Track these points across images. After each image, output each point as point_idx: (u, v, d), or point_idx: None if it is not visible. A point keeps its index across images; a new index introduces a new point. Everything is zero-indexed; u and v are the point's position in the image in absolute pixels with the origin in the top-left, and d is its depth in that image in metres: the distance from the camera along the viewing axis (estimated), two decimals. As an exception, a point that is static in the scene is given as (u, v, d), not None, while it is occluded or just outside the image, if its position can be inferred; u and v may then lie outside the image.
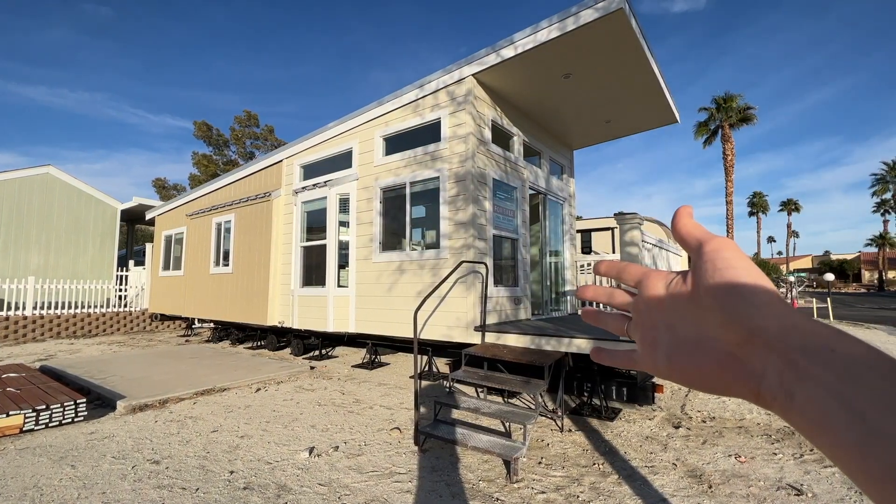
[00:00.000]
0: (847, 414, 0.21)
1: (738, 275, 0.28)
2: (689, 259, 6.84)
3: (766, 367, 0.26)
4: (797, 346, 0.24)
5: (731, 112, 26.19)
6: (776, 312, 0.26)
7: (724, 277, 0.29)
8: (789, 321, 0.26)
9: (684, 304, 0.32)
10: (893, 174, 39.01)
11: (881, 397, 0.21)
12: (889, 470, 0.20)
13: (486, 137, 6.04)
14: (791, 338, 0.25)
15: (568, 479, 3.18)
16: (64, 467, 3.30)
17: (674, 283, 0.34)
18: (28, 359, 7.77)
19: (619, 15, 4.60)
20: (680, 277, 0.33)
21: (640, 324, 0.36)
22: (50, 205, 14.26)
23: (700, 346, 0.31)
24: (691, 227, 0.34)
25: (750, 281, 0.28)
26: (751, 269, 0.29)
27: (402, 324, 6.04)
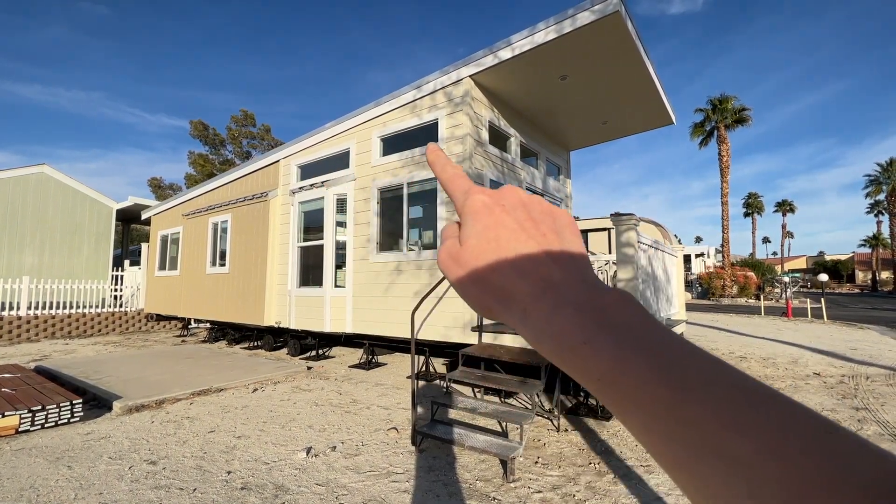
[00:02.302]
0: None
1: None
2: (683, 261, 6.80)
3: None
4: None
5: (727, 113, 26.33)
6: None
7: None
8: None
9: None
10: (887, 175, 39.28)
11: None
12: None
13: (484, 138, 6.06)
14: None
15: (564, 478, 3.20)
16: (60, 468, 3.29)
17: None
18: (23, 359, 7.73)
19: (616, 17, 4.63)
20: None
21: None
22: (45, 204, 14.18)
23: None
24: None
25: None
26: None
27: (399, 324, 6.05)
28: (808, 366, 7.08)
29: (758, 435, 0.19)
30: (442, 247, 0.32)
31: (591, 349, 0.23)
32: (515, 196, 0.31)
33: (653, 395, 0.21)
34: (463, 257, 0.30)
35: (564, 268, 0.27)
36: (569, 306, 0.25)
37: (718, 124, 26.53)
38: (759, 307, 20.91)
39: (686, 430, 0.20)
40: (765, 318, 15.56)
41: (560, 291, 0.26)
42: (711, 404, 0.20)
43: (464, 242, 0.30)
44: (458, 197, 0.32)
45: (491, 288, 0.28)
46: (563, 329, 0.25)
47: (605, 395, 0.23)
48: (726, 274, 26.44)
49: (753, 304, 24.44)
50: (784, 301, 25.08)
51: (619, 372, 0.22)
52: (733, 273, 26.96)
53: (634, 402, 0.22)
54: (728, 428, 0.19)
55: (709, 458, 0.19)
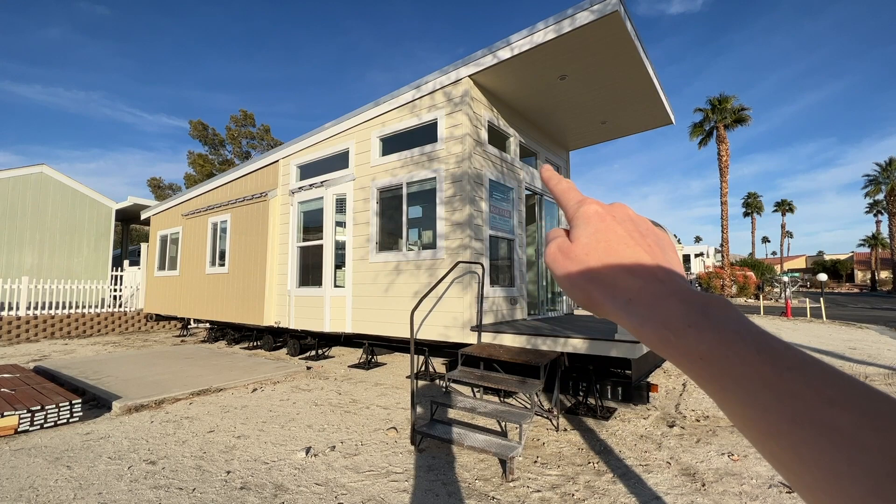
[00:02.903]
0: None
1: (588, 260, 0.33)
2: (683, 259, 6.81)
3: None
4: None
5: (726, 113, 26.33)
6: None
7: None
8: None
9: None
10: (886, 175, 39.25)
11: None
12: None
13: (483, 138, 6.06)
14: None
15: (563, 477, 3.21)
16: (60, 468, 3.29)
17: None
18: (22, 359, 7.72)
19: (615, 17, 4.64)
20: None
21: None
22: (44, 204, 14.17)
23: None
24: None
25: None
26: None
27: (398, 324, 6.06)
28: (807, 365, 7.08)
29: (855, 408, 0.21)
30: (551, 243, 0.36)
31: (696, 331, 0.26)
32: (625, 211, 0.35)
33: (755, 371, 0.24)
34: (573, 252, 0.33)
35: (667, 271, 0.31)
36: (674, 297, 0.29)
37: (718, 124, 26.53)
38: (759, 307, 20.92)
39: (786, 403, 0.22)
40: (764, 318, 15.57)
41: (665, 286, 0.30)
42: (810, 382, 0.22)
43: (575, 240, 0.34)
44: (572, 206, 0.36)
45: (598, 280, 0.32)
46: (669, 314, 0.28)
47: (706, 374, 0.26)
48: (725, 274, 26.45)
49: (753, 303, 24.46)
50: (783, 301, 25.10)
51: (723, 351, 0.25)
52: (732, 273, 26.97)
53: (735, 378, 0.24)
54: (827, 401, 0.22)
55: (809, 427, 0.21)
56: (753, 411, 0.24)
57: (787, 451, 0.22)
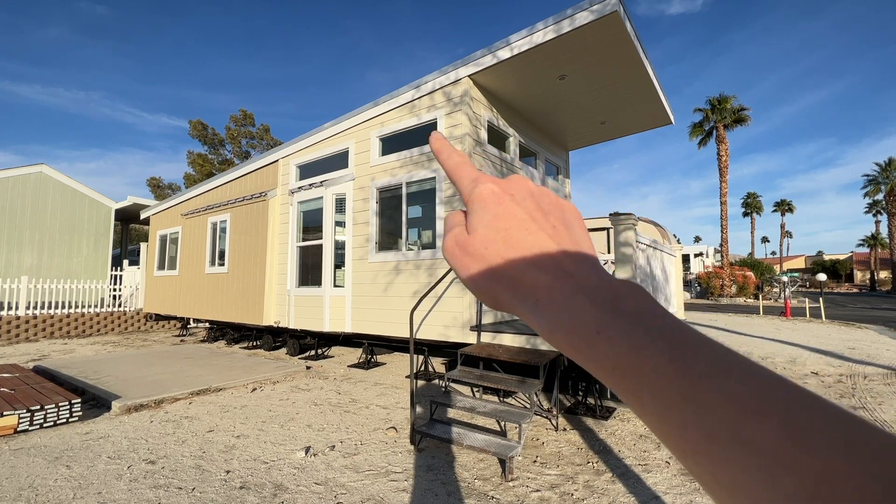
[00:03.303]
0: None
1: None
2: (682, 260, 6.79)
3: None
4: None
5: (726, 113, 26.36)
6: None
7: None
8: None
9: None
10: (885, 175, 39.30)
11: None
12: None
13: (483, 138, 6.07)
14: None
15: (562, 477, 3.21)
16: (59, 467, 3.29)
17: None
18: (21, 359, 7.72)
19: (614, 17, 4.64)
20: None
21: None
22: (43, 204, 14.16)
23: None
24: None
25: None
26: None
27: (398, 324, 6.06)
28: (807, 365, 7.09)
29: (776, 422, 0.19)
30: (448, 235, 0.31)
31: (605, 338, 0.23)
32: (525, 186, 0.31)
33: (668, 382, 0.21)
34: (472, 246, 0.29)
35: (574, 258, 0.27)
36: (581, 294, 0.25)
37: (717, 124, 26.56)
38: (758, 307, 20.94)
39: (703, 417, 0.20)
40: (763, 318, 15.58)
41: (572, 280, 0.26)
42: (727, 391, 0.20)
43: (472, 231, 0.29)
44: (466, 185, 0.32)
45: (501, 278, 0.28)
46: (576, 318, 0.24)
47: (620, 385, 0.23)
48: (725, 273, 26.47)
49: (752, 303, 24.48)
50: (783, 300, 25.12)
51: (635, 360, 0.22)
52: (732, 273, 26.99)
53: (650, 390, 0.22)
54: (745, 414, 0.19)
55: (726, 444, 0.19)
56: (669, 426, 0.21)
57: (706, 470, 0.20)
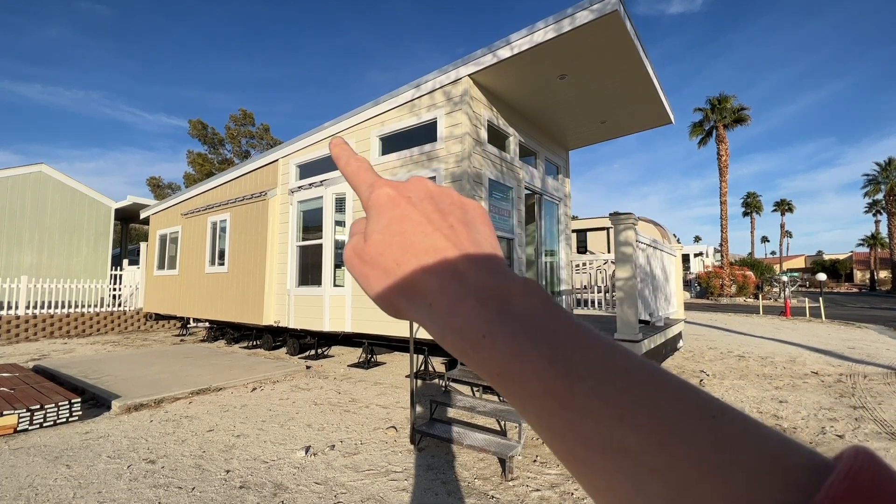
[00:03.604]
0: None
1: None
2: (682, 259, 6.80)
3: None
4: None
5: (726, 113, 26.36)
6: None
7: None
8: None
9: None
10: (885, 175, 39.29)
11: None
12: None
13: (483, 137, 6.06)
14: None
15: (563, 476, 3.21)
16: (59, 467, 3.29)
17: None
18: (21, 358, 7.72)
19: (615, 17, 4.64)
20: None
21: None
22: (43, 203, 14.15)
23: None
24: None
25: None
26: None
27: (398, 323, 6.06)
28: (807, 364, 7.09)
29: (644, 424, 0.18)
30: (348, 243, 0.30)
31: (490, 342, 0.22)
32: (422, 188, 0.30)
33: (547, 387, 0.20)
34: (368, 253, 0.28)
35: (470, 259, 0.26)
36: (471, 297, 0.24)
37: (717, 124, 26.56)
38: (758, 306, 20.95)
39: (579, 423, 0.19)
40: (763, 318, 15.59)
41: (464, 282, 0.25)
42: (605, 395, 0.19)
43: (368, 238, 0.29)
44: (364, 191, 0.31)
45: (396, 284, 0.27)
46: (464, 322, 0.24)
47: (506, 391, 0.22)
48: (725, 273, 26.48)
49: (752, 303, 24.49)
50: (782, 300, 25.13)
51: (516, 365, 0.21)
52: (732, 272, 27.00)
53: (531, 395, 0.21)
54: (618, 417, 0.18)
55: (600, 450, 0.18)
56: (549, 431, 0.20)
57: (583, 477, 0.19)
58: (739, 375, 6.43)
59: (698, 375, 6.45)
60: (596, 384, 0.20)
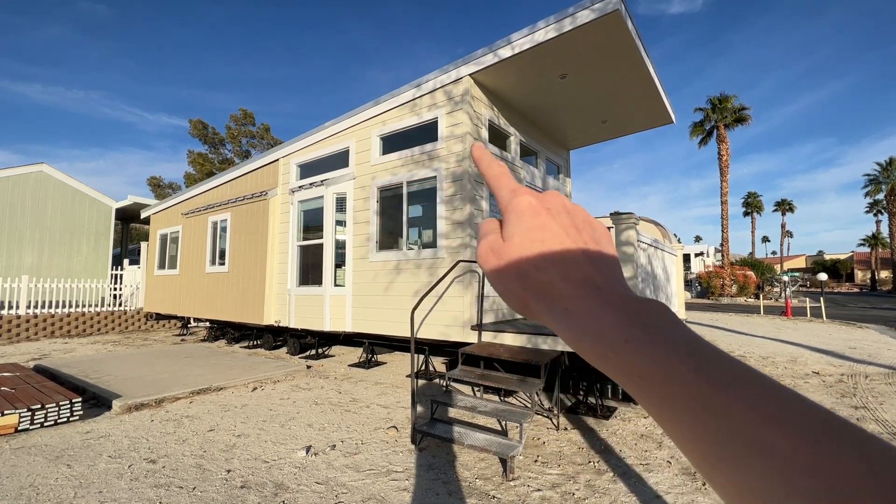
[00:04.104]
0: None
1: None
2: (684, 259, 6.83)
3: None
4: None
5: (726, 112, 26.34)
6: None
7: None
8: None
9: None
10: (886, 175, 39.22)
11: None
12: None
13: (483, 137, 6.06)
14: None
15: (564, 476, 3.20)
16: (60, 466, 3.29)
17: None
18: (22, 358, 7.72)
19: (616, 16, 4.63)
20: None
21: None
22: (43, 203, 14.16)
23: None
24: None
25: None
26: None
27: (398, 323, 6.05)
28: (808, 364, 7.09)
29: (794, 429, 0.20)
30: (483, 241, 0.33)
31: (633, 347, 0.25)
32: (560, 202, 0.33)
33: (692, 390, 0.22)
34: (506, 253, 0.31)
35: (604, 274, 0.29)
36: (611, 306, 0.27)
37: (718, 123, 26.54)
38: (759, 306, 20.93)
39: (723, 424, 0.21)
40: (764, 318, 15.57)
41: (602, 294, 0.27)
42: (748, 400, 0.21)
43: (508, 239, 0.31)
44: (504, 195, 0.33)
45: (533, 285, 0.29)
46: (606, 328, 0.26)
47: (644, 392, 0.24)
48: (725, 273, 26.46)
49: (753, 303, 24.47)
50: (783, 300, 25.10)
51: (660, 369, 0.24)
52: (732, 272, 26.98)
53: (673, 397, 0.23)
54: (765, 422, 0.20)
55: (746, 449, 0.20)
56: (691, 432, 0.23)
57: (724, 475, 0.21)
58: (740, 375, 6.42)
59: (699, 375, 6.44)
60: (740, 390, 0.22)
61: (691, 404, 0.22)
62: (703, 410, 0.22)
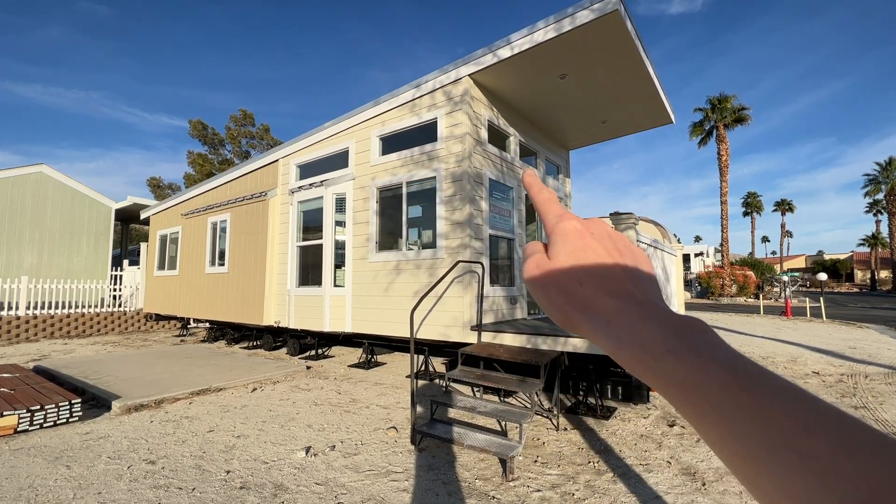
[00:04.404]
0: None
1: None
2: (683, 259, 6.81)
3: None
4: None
5: (726, 112, 26.34)
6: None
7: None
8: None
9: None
10: (885, 175, 39.20)
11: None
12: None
13: (483, 137, 6.06)
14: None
15: (563, 477, 3.20)
16: (59, 468, 3.29)
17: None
18: (21, 359, 7.72)
19: (615, 16, 4.63)
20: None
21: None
22: (43, 204, 14.16)
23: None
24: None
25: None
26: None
27: (398, 323, 6.05)
28: (808, 364, 7.08)
29: (830, 435, 0.21)
30: (529, 259, 0.36)
31: (675, 357, 0.26)
32: (603, 228, 0.36)
33: (733, 398, 0.24)
34: (552, 271, 0.34)
35: (644, 292, 0.32)
36: (653, 320, 0.29)
37: (717, 123, 26.54)
38: (759, 306, 20.93)
39: (763, 430, 0.23)
40: (764, 317, 15.57)
41: (644, 308, 0.30)
42: (786, 407, 0.23)
43: (553, 257, 0.34)
44: (550, 219, 0.37)
45: (576, 299, 0.32)
46: (647, 339, 0.28)
47: (683, 398, 0.26)
48: (725, 273, 26.46)
49: (752, 303, 24.46)
50: (783, 300, 25.10)
51: (701, 377, 0.25)
52: (732, 272, 26.97)
53: (714, 404, 0.25)
54: (804, 428, 0.22)
55: (786, 454, 0.22)
56: (731, 437, 0.24)
57: (764, 478, 0.23)
58: (740, 375, 6.42)
59: (699, 375, 6.44)
60: (780, 400, 0.23)
61: (732, 411, 0.24)
62: (743, 418, 0.23)
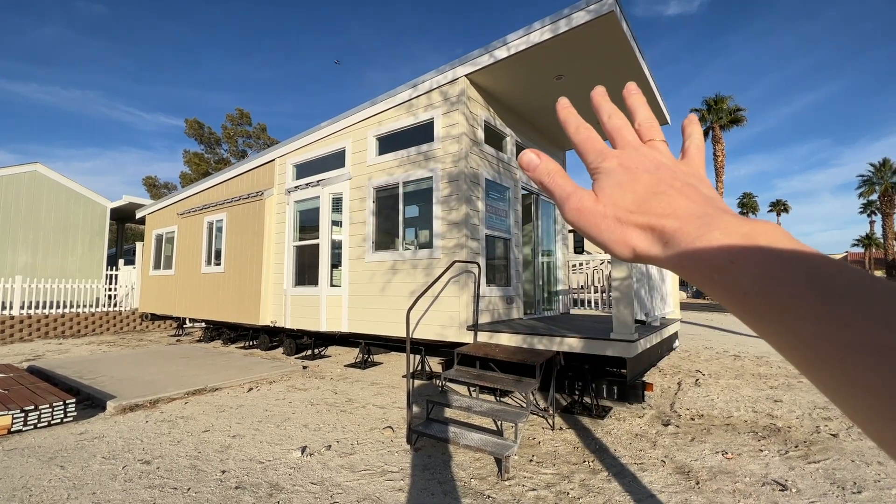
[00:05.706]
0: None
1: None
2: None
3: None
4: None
5: (722, 113, 26.49)
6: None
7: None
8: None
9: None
10: (879, 176, 39.52)
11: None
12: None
13: (479, 138, 6.07)
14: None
15: (558, 476, 3.22)
16: (53, 468, 3.27)
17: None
18: (15, 359, 7.67)
19: (611, 18, 4.65)
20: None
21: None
22: (38, 203, 14.07)
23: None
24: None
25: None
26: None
27: (395, 323, 6.05)
28: (801, 364, 7.12)
29: None
30: (568, 202, 0.35)
31: (740, 267, 0.25)
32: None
33: (803, 300, 0.23)
34: (598, 207, 0.33)
35: (706, 206, 0.30)
36: (715, 231, 0.28)
37: (714, 124, 26.67)
38: (754, 306, 20.97)
39: (836, 329, 0.22)
40: (759, 317, 15.62)
41: (704, 220, 0.29)
42: (860, 305, 0.22)
43: (600, 193, 0.34)
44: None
45: (633, 225, 0.32)
46: (710, 250, 0.27)
47: (751, 307, 0.25)
48: (721, 273, 26.56)
49: (748, 303, 24.55)
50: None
51: (769, 283, 0.24)
52: (728, 272, 27.08)
53: (783, 309, 0.24)
54: (879, 323, 0.21)
55: (860, 350, 0.21)
56: (803, 342, 0.23)
57: (840, 379, 0.22)
58: (735, 375, 6.46)
59: (694, 375, 6.47)
60: (852, 297, 0.22)
61: (804, 312, 0.23)
62: (815, 317, 0.22)
